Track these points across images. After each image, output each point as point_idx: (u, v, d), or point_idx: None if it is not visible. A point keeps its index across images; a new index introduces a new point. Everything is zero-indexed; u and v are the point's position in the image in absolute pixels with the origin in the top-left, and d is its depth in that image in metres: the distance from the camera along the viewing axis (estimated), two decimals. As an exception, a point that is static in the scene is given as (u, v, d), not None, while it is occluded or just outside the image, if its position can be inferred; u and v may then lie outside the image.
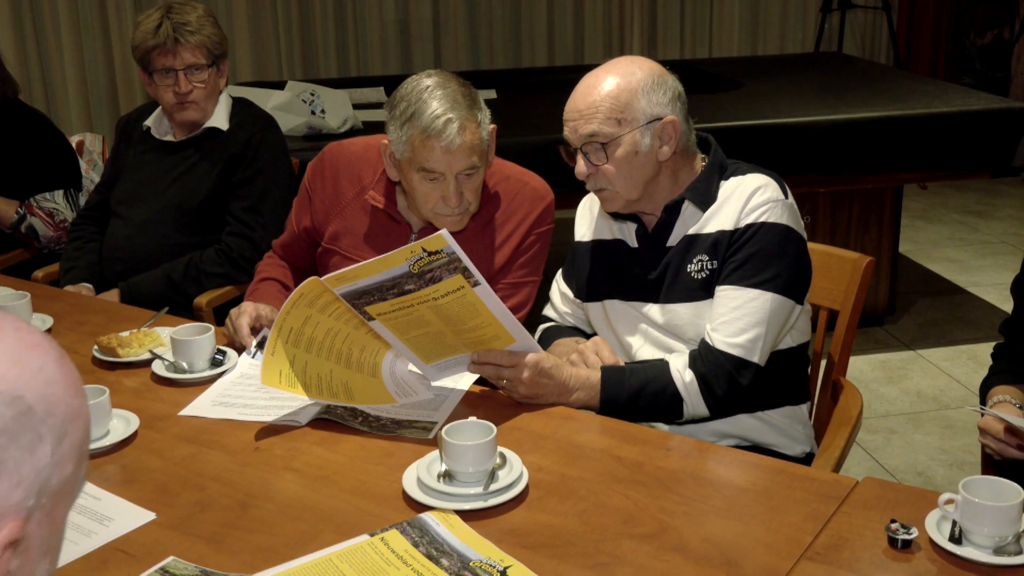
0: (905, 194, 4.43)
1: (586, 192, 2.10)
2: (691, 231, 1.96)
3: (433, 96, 2.00)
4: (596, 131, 1.89)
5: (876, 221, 4.10)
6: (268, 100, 3.73)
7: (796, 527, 1.49)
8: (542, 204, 2.20)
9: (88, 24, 5.45)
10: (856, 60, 5.41)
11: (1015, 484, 1.43)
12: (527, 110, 4.07)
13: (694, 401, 1.89)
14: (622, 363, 1.96)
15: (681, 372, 1.89)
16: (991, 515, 1.40)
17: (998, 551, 1.40)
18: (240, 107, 2.81)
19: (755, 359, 1.89)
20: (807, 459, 2.02)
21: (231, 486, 1.64)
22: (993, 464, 1.93)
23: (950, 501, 1.45)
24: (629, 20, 6.21)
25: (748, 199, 1.91)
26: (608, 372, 1.91)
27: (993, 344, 2.08)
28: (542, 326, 2.24)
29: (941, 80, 5.39)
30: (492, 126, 2.09)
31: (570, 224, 2.20)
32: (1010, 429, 1.76)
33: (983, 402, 1.97)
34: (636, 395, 1.89)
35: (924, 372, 3.88)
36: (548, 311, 2.26)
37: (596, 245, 2.11)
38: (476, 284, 1.72)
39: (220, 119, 2.75)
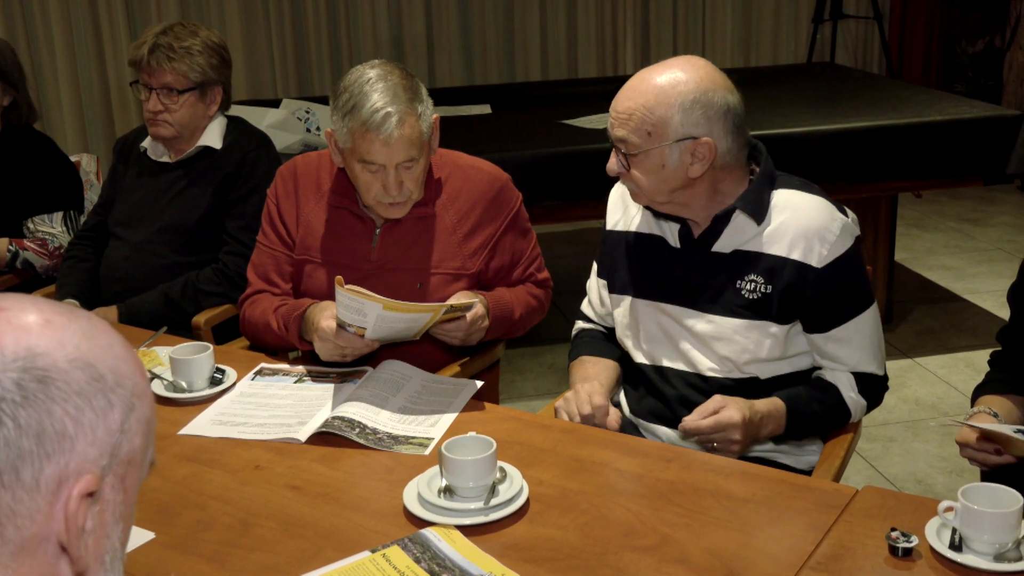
0: (900, 203, 4.43)
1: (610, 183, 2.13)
2: (745, 246, 1.93)
3: (374, 89, 2.03)
4: (625, 138, 1.89)
5: (872, 230, 4.11)
6: (263, 118, 3.74)
7: (797, 537, 1.50)
8: (499, 183, 2.25)
9: (83, 47, 5.47)
10: (849, 70, 5.42)
11: (1014, 491, 1.44)
12: (522, 125, 4.08)
13: (856, 418, 2.02)
14: (617, 413, 1.94)
15: (855, 399, 1.98)
16: (991, 522, 1.40)
17: (998, 558, 1.41)
18: (234, 126, 2.82)
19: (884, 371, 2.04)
20: (808, 470, 2.02)
21: (232, 505, 1.64)
22: (992, 471, 1.93)
23: (950, 508, 1.46)
24: (622, 33, 6.23)
25: (823, 234, 1.90)
26: (791, 403, 1.94)
27: (990, 351, 2.09)
28: (578, 325, 2.22)
29: (934, 89, 5.41)
30: (435, 116, 2.13)
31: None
32: (984, 436, 1.75)
33: None
34: (815, 420, 1.97)
35: (922, 380, 3.88)
36: (586, 308, 2.23)
37: (633, 237, 2.07)
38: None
39: (214, 138, 2.75)
